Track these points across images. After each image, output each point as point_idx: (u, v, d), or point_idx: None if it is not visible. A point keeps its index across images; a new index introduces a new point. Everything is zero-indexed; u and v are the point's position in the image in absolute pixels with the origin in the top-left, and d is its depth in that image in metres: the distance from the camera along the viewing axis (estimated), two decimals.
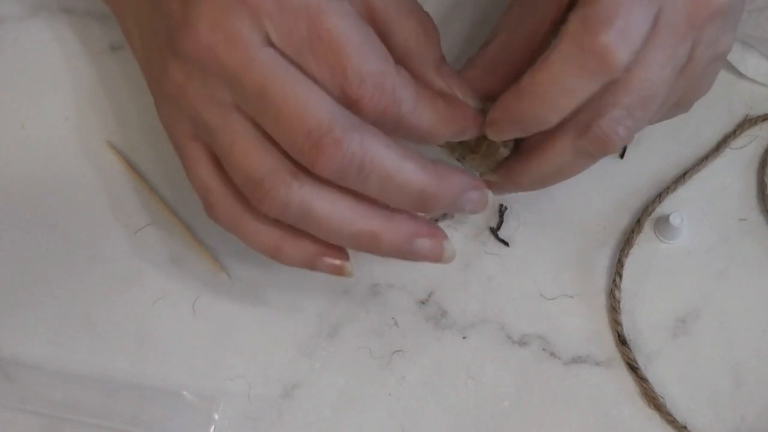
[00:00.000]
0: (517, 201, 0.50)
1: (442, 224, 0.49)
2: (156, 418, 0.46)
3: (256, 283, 0.49)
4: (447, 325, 0.48)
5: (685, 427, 0.46)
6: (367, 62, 0.38)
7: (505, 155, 0.44)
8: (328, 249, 0.42)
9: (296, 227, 0.41)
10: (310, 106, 0.37)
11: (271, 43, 0.38)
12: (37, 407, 0.46)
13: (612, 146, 0.41)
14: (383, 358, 0.48)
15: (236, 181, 0.40)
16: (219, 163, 0.41)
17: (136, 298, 0.49)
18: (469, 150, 0.44)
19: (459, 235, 0.50)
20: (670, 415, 0.46)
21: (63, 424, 0.47)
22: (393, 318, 0.48)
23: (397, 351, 0.48)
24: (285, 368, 0.48)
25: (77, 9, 0.52)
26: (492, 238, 0.49)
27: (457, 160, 0.45)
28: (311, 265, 0.42)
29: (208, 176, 0.41)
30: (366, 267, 0.49)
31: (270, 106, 0.38)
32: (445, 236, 0.42)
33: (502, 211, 0.50)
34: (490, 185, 0.44)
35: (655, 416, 0.47)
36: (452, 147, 0.45)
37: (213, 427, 0.46)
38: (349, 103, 0.38)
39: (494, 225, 0.50)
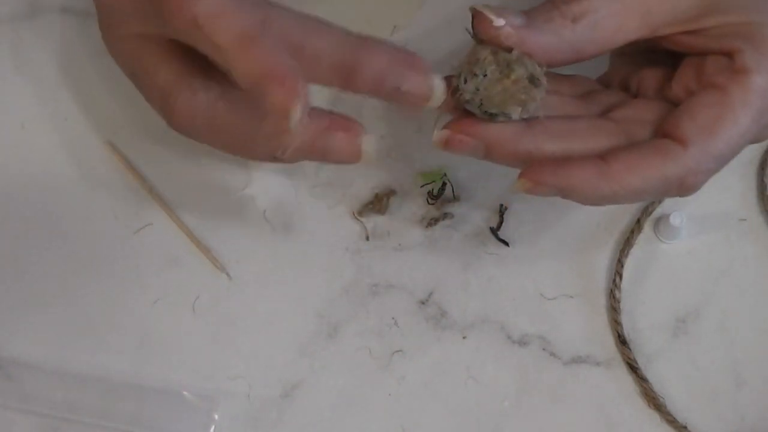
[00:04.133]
0: (517, 201, 0.49)
1: (440, 225, 0.49)
2: (156, 418, 0.46)
3: (256, 283, 0.49)
4: (447, 325, 0.48)
5: (685, 427, 0.46)
6: None
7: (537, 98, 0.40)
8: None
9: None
10: None
11: None
12: (37, 407, 0.46)
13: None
14: (383, 358, 0.48)
15: (155, 108, 0.41)
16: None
17: (136, 298, 0.49)
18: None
19: (459, 235, 0.50)
20: (670, 415, 0.46)
21: (63, 424, 0.47)
22: (393, 318, 0.48)
23: (397, 351, 0.48)
24: (285, 368, 0.48)
25: (77, 9, 0.52)
26: (492, 238, 0.49)
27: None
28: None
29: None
30: (366, 267, 0.49)
31: None
32: (363, 131, 0.40)
33: (502, 211, 0.49)
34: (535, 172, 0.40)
35: (655, 416, 0.47)
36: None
37: (213, 427, 0.46)
38: None
39: (494, 225, 0.49)
